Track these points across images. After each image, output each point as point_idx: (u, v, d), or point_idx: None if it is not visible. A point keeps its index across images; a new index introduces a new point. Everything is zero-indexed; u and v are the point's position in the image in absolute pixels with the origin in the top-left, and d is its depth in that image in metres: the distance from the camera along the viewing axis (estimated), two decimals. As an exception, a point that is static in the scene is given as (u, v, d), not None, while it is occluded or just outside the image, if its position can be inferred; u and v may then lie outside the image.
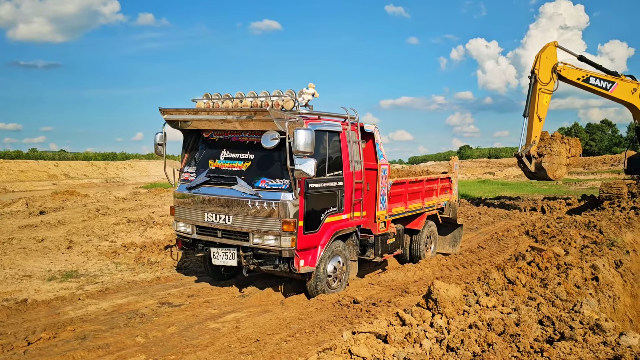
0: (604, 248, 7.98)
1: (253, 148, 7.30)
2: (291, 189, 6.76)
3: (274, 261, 7.03)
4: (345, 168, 7.73)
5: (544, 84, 16.85)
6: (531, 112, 17.03)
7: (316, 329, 6.23)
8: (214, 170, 7.57)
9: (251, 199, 6.95)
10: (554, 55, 17.18)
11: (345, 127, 7.86)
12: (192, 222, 7.65)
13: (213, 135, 7.87)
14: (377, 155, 8.53)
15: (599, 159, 67.08)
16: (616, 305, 5.91)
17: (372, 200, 8.37)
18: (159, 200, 24.25)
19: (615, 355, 3.47)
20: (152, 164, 77.33)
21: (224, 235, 7.33)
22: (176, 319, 6.74)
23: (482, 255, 10.73)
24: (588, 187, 30.85)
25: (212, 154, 7.75)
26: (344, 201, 7.70)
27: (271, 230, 6.85)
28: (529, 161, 17.09)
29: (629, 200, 14.73)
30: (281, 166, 6.93)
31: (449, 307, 4.78)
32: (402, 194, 9.36)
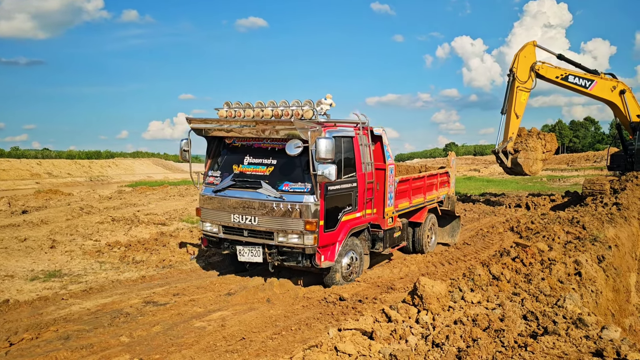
0: (587, 243, 8.06)
1: (275, 154, 7.92)
2: (313, 191, 7.39)
3: (296, 257, 7.62)
4: (358, 170, 8.35)
5: (522, 82, 17.05)
6: (509, 109, 17.22)
7: (302, 327, 6.23)
8: (239, 175, 8.15)
9: (276, 201, 7.56)
10: (533, 55, 17.37)
11: (357, 131, 8.47)
12: (219, 222, 8.23)
13: (235, 142, 8.46)
14: (384, 156, 9.20)
15: (582, 156, 67.92)
16: (598, 300, 5.98)
17: (380, 197, 8.97)
18: (144, 198, 24.06)
19: (597, 349, 3.51)
20: (137, 162, 76.73)
21: (250, 235, 7.93)
22: (161, 317, 6.70)
23: (467, 251, 10.81)
24: (572, 184, 31.20)
25: (235, 159, 8.32)
26: (357, 200, 8.33)
27: (295, 230, 7.47)
28: (505, 157, 17.31)
29: (611, 196, 14.88)
30: (302, 171, 7.58)
31: (435, 303, 4.80)
32: (407, 190, 9.96)
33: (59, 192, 27.14)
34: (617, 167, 19.29)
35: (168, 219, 15.96)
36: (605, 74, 18.03)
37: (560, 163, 61.91)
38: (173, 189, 32.20)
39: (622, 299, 7.98)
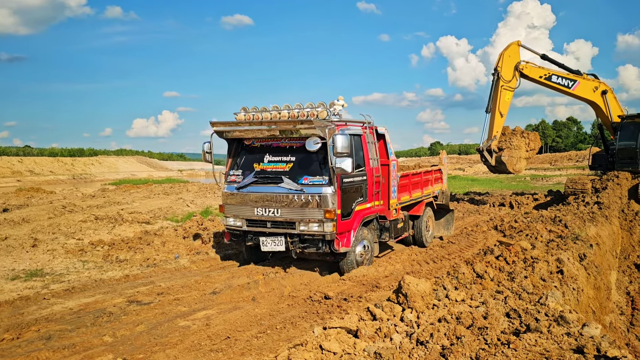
0: (569, 242, 8.16)
1: (293, 151, 8.63)
2: (330, 183, 8.10)
3: (317, 244, 8.34)
4: (367, 164, 9.09)
5: (506, 82, 17.21)
6: (493, 108, 17.38)
7: (287, 325, 6.22)
8: (260, 172, 8.80)
9: (297, 194, 8.23)
10: (517, 54, 17.55)
11: (364, 130, 9.20)
12: (243, 216, 8.83)
13: (255, 143, 9.10)
14: (387, 152, 10.00)
15: (565, 155, 68.79)
16: (580, 298, 6.06)
17: (385, 191, 9.74)
18: (128, 197, 23.85)
19: (578, 345, 3.56)
20: (121, 160, 76.03)
21: (272, 226, 8.56)
22: (145, 317, 6.65)
23: (451, 250, 10.89)
24: (554, 183, 31.58)
25: (255, 158, 8.99)
26: (367, 192, 9.06)
27: (315, 219, 8.16)
28: (489, 155, 17.49)
29: (592, 195, 15.09)
30: (320, 165, 8.32)
31: (419, 301, 4.83)
32: (407, 184, 10.80)
33: (41, 190, 26.80)
34: (598, 167, 19.56)
35: (152, 218, 15.85)
36: (587, 74, 18.27)
37: (543, 162, 62.63)
38: (157, 187, 31.96)
39: (603, 296, 8.11)
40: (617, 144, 17.87)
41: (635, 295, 10.40)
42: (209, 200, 22.76)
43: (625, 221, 13.90)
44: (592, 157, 20.05)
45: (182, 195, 25.18)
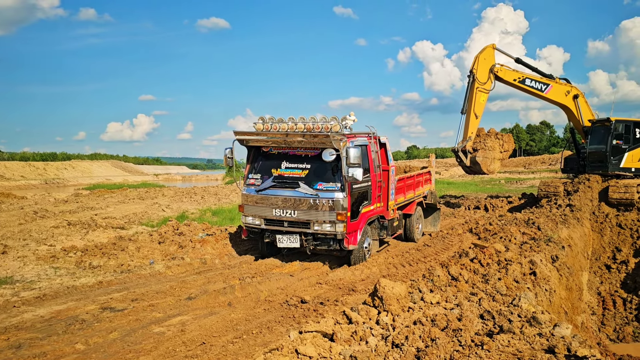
0: (542, 244, 8.30)
1: (308, 159, 9.50)
2: (342, 189, 9.07)
3: (328, 242, 9.29)
4: (371, 171, 10.06)
5: (481, 84, 17.49)
6: (469, 109, 17.64)
7: (263, 330, 6.19)
8: (278, 177, 9.67)
9: (312, 198, 9.19)
10: (492, 57, 17.84)
11: (369, 140, 10.21)
12: (261, 216, 9.75)
13: (272, 150, 9.92)
14: (388, 159, 10.90)
15: (538, 159, 69.99)
16: (552, 299, 6.16)
17: (385, 193, 10.67)
18: (103, 202, 23.48)
19: (549, 346, 3.62)
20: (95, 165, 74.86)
21: (289, 225, 9.49)
22: (119, 324, 6.53)
23: (427, 252, 10.97)
24: (528, 186, 32.10)
25: (273, 165, 9.84)
26: (371, 196, 10.05)
27: (328, 220, 9.10)
28: (464, 156, 17.73)
29: (564, 198, 15.39)
30: (333, 173, 9.25)
31: (395, 304, 4.85)
32: (403, 187, 11.85)
33: (11, 195, 26.20)
34: (570, 170, 19.94)
35: (127, 223, 15.61)
36: (560, 79, 18.64)
37: (517, 166, 63.61)
38: (133, 191, 31.53)
39: (574, 297, 8.26)
40: (588, 148, 18.25)
41: (606, 295, 10.63)
42: (185, 204, 22.54)
43: (596, 223, 14.20)
44: (564, 161, 20.43)
45: (158, 199, 24.88)
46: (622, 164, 17.25)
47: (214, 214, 18.39)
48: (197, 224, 13.62)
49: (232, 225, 14.21)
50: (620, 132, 17.37)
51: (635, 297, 10.10)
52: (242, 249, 11.50)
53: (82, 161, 78.22)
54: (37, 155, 74.20)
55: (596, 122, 18.35)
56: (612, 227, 13.85)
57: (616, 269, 11.83)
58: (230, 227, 13.65)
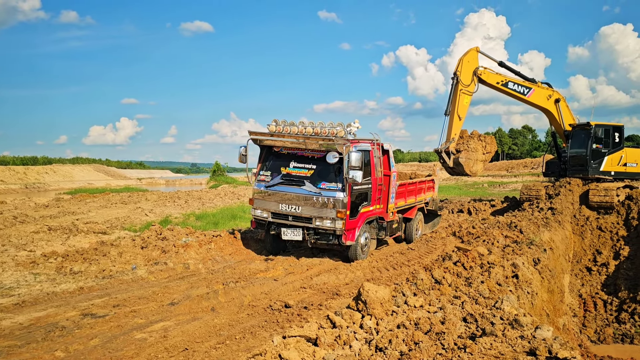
0: (524, 247, 8.39)
1: (314, 161, 10.34)
2: (343, 189, 9.87)
3: (328, 237, 10.04)
4: (372, 175, 10.81)
5: (465, 86, 17.67)
6: (452, 111, 17.80)
7: (247, 335, 6.15)
8: (286, 175, 10.55)
9: (316, 196, 10.00)
10: (476, 60, 18.04)
11: (372, 146, 10.93)
12: (268, 210, 10.63)
13: (282, 150, 10.77)
14: (390, 165, 11.69)
15: (520, 163, 70.80)
16: (534, 301, 6.22)
17: (385, 197, 11.47)
18: (84, 206, 23.20)
19: (531, 348, 3.64)
20: (77, 169, 73.98)
21: (293, 219, 10.32)
22: (100, 330, 6.44)
23: (411, 256, 11.01)
24: (511, 189, 32.44)
25: (282, 163, 10.71)
26: (371, 198, 10.81)
27: (329, 217, 9.90)
28: (448, 157, 17.86)
29: (546, 201, 15.58)
30: (335, 174, 10.04)
31: (378, 308, 4.85)
32: (404, 192, 12.57)
33: (-10, 200, 25.75)
34: (552, 174, 20.20)
35: (109, 228, 15.43)
36: (541, 83, 18.89)
37: (500, 169, 64.25)
38: (115, 196, 31.19)
39: (556, 299, 8.35)
40: (569, 152, 18.50)
41: (587, 297, 10.77)
42: (168, 209, 22.36)
43: (577, 226, 14.40)
44: (545, 164, 20.69)
45: (141, 204, 24.64)
46: (602, 167, 17.53)
47: (197, 219, 18.26)
48: (181, 228, 13.51)
49: (215, 230, 14.12)
50: (600, 137, 17.65)
51: (615, 298, 10.24)
52: (226, 252, 11.44)
53: (64, 165, 77.23)
54: (17, 159, 73.10)
55: (576, 126, 18.62)
56: (592, 230, 14.05)
57: (597, 271, 11.99)
58: (214, 231, 13.57)
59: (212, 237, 12.12)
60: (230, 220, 17.66)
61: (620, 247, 12.82)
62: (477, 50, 18.14)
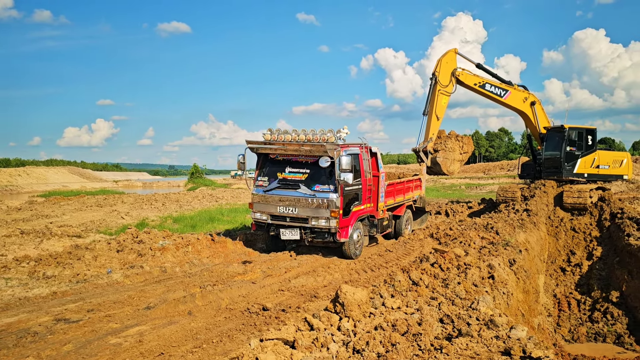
0: (500, 248, 8.49)
1: (308, 165, 11.07)
2: (336, 190, 10.61)
3: (323, 235, 10.78)
4: (362, 176, 11.59)
5: (443, 86, 17.83)
6: (430, 111, 17.93)
7: (224, 339, 6.09)
8: (282, 180, 11.25)
9: (310, 197, 10.76)
10: (454, 61, 18.22)
11: (361, 150, 11.71)
12: (268, 212, 11.29)
13: (278, 157, 11.46)
14: (378, 166, 12.52)
15: (497, 165, 71.81)
16: (510, 301, 6.30)
17: (375, 196, 12.27)
18: (58, 209, 22.78)
19: (505, 348, 3.68)
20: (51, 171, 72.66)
21: (290, 220, 11.02)
22: (73, 335, 6.31)
23: (389, 258, 11.05)
24: (487, 191, 32.84)
25: (278, 169, 11.39)
26: (362, 197, 11.60)
27: (324, 216, 10.64)
28: (425, 156, 17.99)
29: (522, 203, 15.79)
30: (327, 177, 10.76)
31: (356, 310, 4.85)
32: (392, 191, 13.42)
33: (-40, 203, 25.12)
34: (527, 176, 20.50)
35: (84, 231, 15.18)
36: (518, 85, 19.17)
37: (477, 172, 65.03)
38: (90, 198, 30.68)
39: (531, 299, 8.47)
40: (544, 154, 18.80)
41: (562, 297, 10.94)
42: (145, 212, 22.08)
43: (552, 227, 14.63)
44: (521, 167, 20.98)
45: (117, 207, 24.30)
46: (576, 169, 17.85)
47: (175, 221, 18.07)
48: (158, 231, 13.35)
49: (193, 233, 13.99)
50: (574, 139, 17.98)
51: (588, 298, 10.43)
52: (204, 255, 11.34)
53: (37, 167, 75.76)
54: (-11, 161, 71.45)
55: (551, 129, 18.94)
56: (566, 231, 14.29)
57: (571, 271, 12.20)
58: (192, 234, 13.44)
59: (190, 240, 12.00)
60: (208, 223, 17.51)
61: (593, 247, 13.06)
62: (455, 51, 18.33)
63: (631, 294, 9.51)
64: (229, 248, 12.14)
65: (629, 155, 19.83)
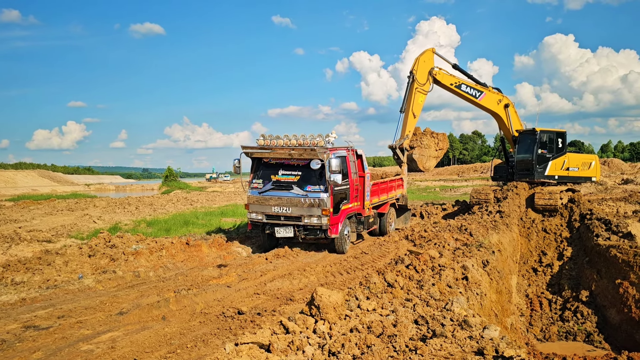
0: (473, 249, 8.59)
1: (300, 168, 11.88)
2: (326, 190, 11.45)
3: (316, 232, 11.66)
4: (349, 177, 12.51)
5: (420, 85, 17.95)
6: (407, 108, 18.01)
7: (198, 343, 6.03)
8: (276, 182, 12.02)
9: (303, 197, 11.58)
10: (431, 60, 18.38)
11: (348, 152, 12.66)
12: (263, 212, 12.03)
13: (271, 161, 12.28)
14: (363, 167, 13.40)
15: (471, 167, 72.84)
16: (483, 302, 6.38)
17: (362, 195, 13.16)
18: (28, 214, 22.26)
19: (479, 347, 3.73)
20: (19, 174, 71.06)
21: (284, 219, 11.83)
22: (43, 342, 6.16)
23: (365, 260, 11.09)
24: (462, 193, 33.26)
25: (272, 172, 12.16)
26: (349, 196, 12.48)
27: (315, 214, 11.48)
28: (402, 153, 18.04)
29: (495, 204, 16.03)
30: (318, 178, 11.58)
31: (331, 312, 4.85)
32: (377, 190, 14.23)
33: None
34: (499, 178, 20.82)
35: (55, 236, 14.86)
36: (492, 88, 19.45)
37: (451, 174, 65.79)
38: (61, 202, 30.07)
39: (504, 299, 8.59)
40: (516, 156, 19.13)
41: (534, 297, 11.13)
42: (118, 215, 21.73)
43: (524, 228, 14.88)
44: (493, 169, 21.29)
45: (89, 211, 23.86)
46: (547, 171, 18.20)
47: (149, 225, 17.83)
48: (131, 235, 13.14)
49: (167, 237, 13.82)
50: (545, 142, 18.34)
51: (559, 297, 10.63)
52: (179, 259, 11.21)
53: (5, 171, 73.90)
54: (-45, 164, 69.49)
55: (523, 131, 19.27)
56: (538, 232, 14.55)
57: (542, 271, 12.41)
58: (166, 238, 13.27)
59: (164, 244, 11.85)
60: (182, 227, 17.32)
61: (563, 248, 13.32)
62: (433, 51, 18.50)
63: (600, 293, 9.73)
64: (204, 252, 12.03)
65: (597, 157, 20.30)
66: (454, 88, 18.75)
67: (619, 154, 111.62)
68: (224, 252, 12.32)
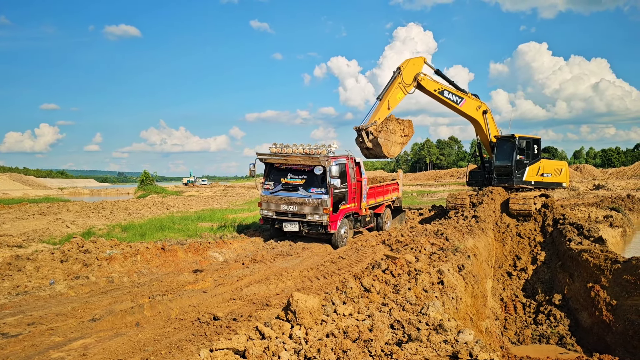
0: (449, 254, 8.66)
1: (305, 173, 13.92)
2: (327, 192, 13.42)
3: (317, 228, 13.65)
4: (348, 181, 14.54)
5: (404, 83, 18.03)
6: (384, 98, 18.00)
7: (173, 350, 5.94)
8: (285, 184, 14.10)
9: (307, 198, 13.62)
10: (420, 66, 18.60)
11: (347, 160, 14.77)
12: (273, 209, 14.13)
13: (282, 166, 14.31)
14: (361, 173, 15.48)
15: (447, 172, 73.58)
16: (459, 306, 6.43)
17: (359, 197, 15.20)
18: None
19: (453, 351, 3.75)
20: (-9, 178, 69.33)
21: (291, 216, 13.89)
22: (12, 350, 6.01)
23: (342, 265, 11.09)
24: (438, 198, 33.56)
25: (281, 175, 14.27)
26: (348, 198, 14.47)
27: (317, 213, 13.47)
28: (367, 136, 17.88)
29: (470, 209, 16.19)
30: (320, 182, 13.54)
31: (308, 317, 4.83)
32: (373, 193, 16.41)
33: None
34: (475, 183, 21.07)
35: (26, 240, 14.52)
36: (471, 94, 19.73)
37: (428, 179, 66.38)
38: (33, 206, 29.43)
39: (479, 303, 8.68)
40: (495, 162, 19.38)
41: (508, 300, 11.27)
42: (92, 220, 21.36)
43: (499, 233, 15.08)
44: (469, 174, 21.52)
45: (62, 215, 23.39)
46: (524, 177, 18.49)
47: (123, 230, 17.55)
48: (105, 240, 12.93)
49: (142, 242, 13.62)
50: (523, 148, 18.64)
51: (533, 301, 10.78)
52: (154, 265, 11.05)
53: (-23, 174, 71.99)
54: None
55: (501, 137, 19.55)
56: (512, 237, 14.76)
57: (516, 275, 12.59)
58: (141, 243, 13.07)
59: (139, 249, 11.66)
60: (158, 231, 17.08)
61: (537, 252, 13.54)
62: (424, 60, 18.83)
63: (572, 297, 9.90)
64: (180, 257, 11.89)
65: (566, 164, 20.78)
66: (437, 94, 18.93)
67: (591, 160, 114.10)
68: (200, 257, 12.19)
